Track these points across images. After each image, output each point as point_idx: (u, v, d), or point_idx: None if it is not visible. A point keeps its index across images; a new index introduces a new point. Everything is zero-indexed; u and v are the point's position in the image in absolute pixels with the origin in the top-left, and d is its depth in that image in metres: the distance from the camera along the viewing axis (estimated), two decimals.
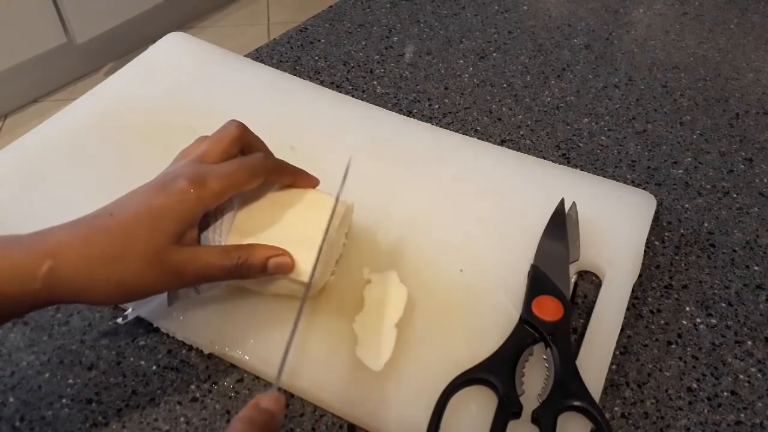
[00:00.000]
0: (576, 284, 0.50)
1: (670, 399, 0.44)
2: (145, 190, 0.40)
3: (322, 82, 0.68)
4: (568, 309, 0.45)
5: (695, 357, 0.47)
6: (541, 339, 0.44)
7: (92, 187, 0.54)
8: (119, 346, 0.46)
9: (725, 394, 0.45)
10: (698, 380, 0.45)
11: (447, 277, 0.49)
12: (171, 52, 0.68)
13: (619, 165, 0.60)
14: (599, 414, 0.40)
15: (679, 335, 0.48)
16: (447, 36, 0.75)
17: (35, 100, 1.95)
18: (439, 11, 0.79)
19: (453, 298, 0.48)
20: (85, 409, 0.43)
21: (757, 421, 0.43)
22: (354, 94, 0.67)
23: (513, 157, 0.59)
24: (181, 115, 0.61)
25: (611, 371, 0.45)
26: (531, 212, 0.52)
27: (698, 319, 0.49)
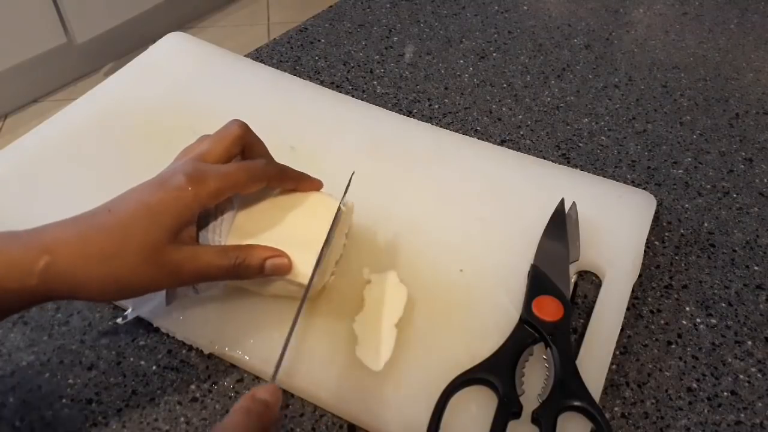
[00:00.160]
0: (576, 284, 0.50)
1: (670, 399, 0.44)
2: (143, 187, 0.40)
3: (322, 82, 0.68)
4: (568, 309, 0.45)
5: (695, 357, 0.47)
6: (541, 339, 0.44)
7: (92, 187, 0.54)
8: (119, 346, 0.46)
9: (725, 394, 0.45)
10: (698, 380, 0.45)
11: (447, 277, 0.49)
12: (171, 52, 0.68)
13: (619, 165, 0.60)
14: (599, 414, 0.40)
15: (679, 335, 0.48)
16: (447, 36, 0.75)
17: (35, 100, 1.96)
18: (439, 11, 0.79)
19: (453, 298, 0.48)
20: (85, 409, 0.43)
21: (757, 421, 0.43)
22: (354, 94, 0.67)
23: (513, 157, 0.59)
24: (181, 115, 0.61)
25: (611, 371, 0.45)
26: (531, 212, 0.52)
27: (698, 319, 0.49)
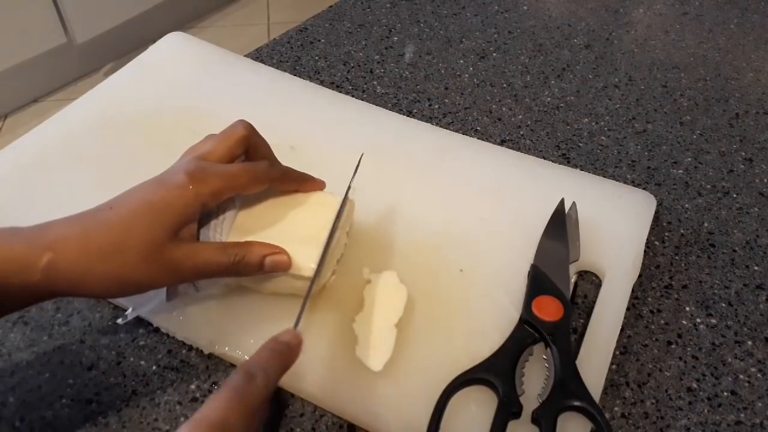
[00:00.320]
0: (576, 284, 0.50)
1: (670, 399, 0.44)
2: (146, 185, 0.40)
3: (322, 82, 0.68)
4: (568, 309, 0.45)
5: (695, 357, 0.47)
6: (541, 339, 0.44)
7: (92, 186, 0.54)
8: (119, 346, 0.46)
9: (725, 394, 0.45)
10: (698, 380, 0.45)
11: (447, 277, 0.49)
12: (171, 52, 0.68)
13: (619, 165, 0.60)
14: (599, 414, 0.40)
15: (679, 335, 0.48)
16: (447, 36, 0.75)
17: (35, 100, 1.96)
18: (439, 11, 0.79)
19: (453, 298, 0.48)
20: (85, 409, 0.43)
21: (757, 421, 0.43)
22: (354, 94, 0.67)
23: (513, 157, 0.59)
24: (181, 115, 0.61)
25: (611, 371, 0.45)
26: (531, 212, 0.52)
27: (698, 319, 0.49)
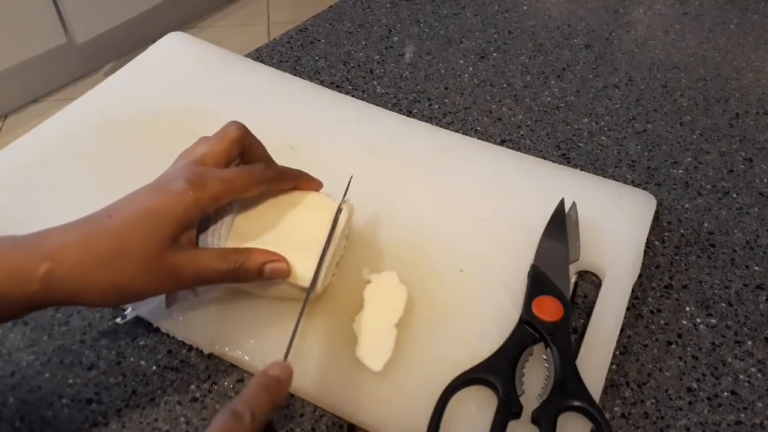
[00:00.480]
0: (576, 284, 0.50)
1: (670, 399, 0.44)
2: (143, 191, 0.40)
3: (322, 82, 0.68)
4: (568, 309, 0.45)
5: (695, 357, 0.47)
6: (541, 339, 0.44)
7: (92, 187, 0.54)
8: (119, 346, 0.46)
9: (725, 394, 0.45)
10: (698, 380, 0.45)
11: (447, 277, 0.49)
12: (171, 52, 0.68)
13: (619, 165, 0.60)
14: (599, 414, 0.40)
15: (679, 335, 0.48)
16: (447, 36, 0.75)
17: (35, 100, 1.96)
18: (439, 11, 0.79)
19: (453, 298, 0.48)
20: (85, 409, 0.43)
21: (757, 421, 0.43)
22: (354, 94, 0.67)
23: (513, 157, 0.59)
24: (181, 115, 0.61)
25: (611, 371, 0.45)
26: (531, 212, 0.52)
27: (698, 319, 0.49)
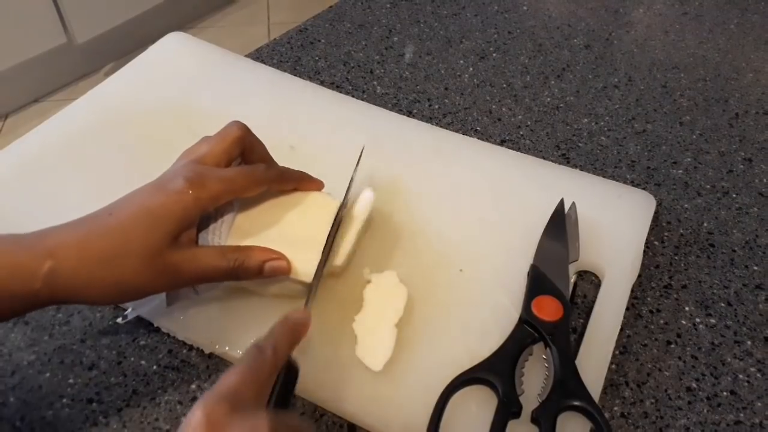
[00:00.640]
0: (575, 284, 0.50)
1: (670, 399, 0.44)
2: (144, 190, 0.40)
3: (322, 82, 0.68)
4: (567, 309, 0.45)
5: (694, 357, 0.47)
6: (540, 339, 0.44)
7: (92, 187, 0.54)
8: (120, 346, 0.46)
9: (724, 393, 0.45)
10: (697, 380, 0.45)
11: (447, 277, 0.49)
12: (171, 52, 0.68)
13: (619, 165, 0.61)
14: (599, 414, 0.40)
15: (679, 335, 0.48)
16: (447, 36, 0.75)
17: (35, 100, 1.96)
18: (439, 11, 0.79)
19: (453, 298, 0.48)
20: (85, 408, 0.43)
21: (757, 420, 0.43)
22: (354, 94, 0.67)
23: (513, 157, 0.59)
24: (181, 115, 0.61)
25: (611, 371, 0.45)
26: (531, 212, 0.53)
27: (697, 319, 0.49)
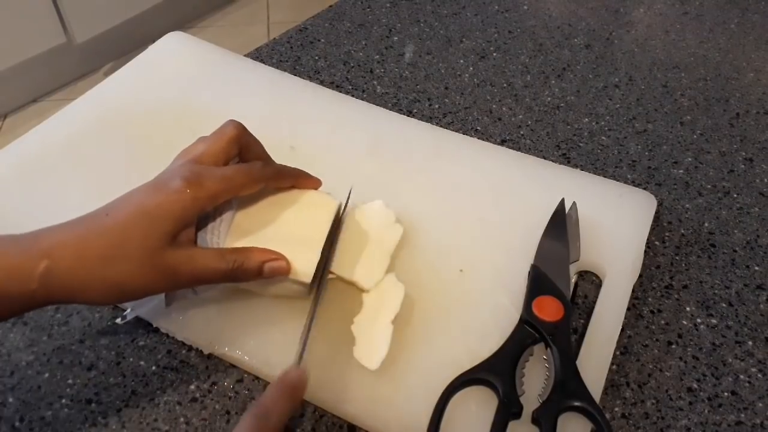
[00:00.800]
0: (576, 284, 0.50)
1: (671, 399, 0.44)
2: (141, 189, 0.40)
3: (322, 82, 0.68)
4: (568, 309, 0.45)
5: (696, 357, 0.47)
6: (541, 339, 0.44)
7: (92, 186, 0.54)
8: (119, 347, 0.46)
9: (726, 394, 0.45)
10: (699, 380, 0.45)
11: (447, 277, 0.49)
12: (170, 52, 0.68)
13: (620, 165, 0.60)
14: (599, 414, 0.40)
15: (680, 335, 0.48)
16: (447, 36, 0.75)
17: (35, 100, 1.95)
18: (439, 11, 0.79)
19: (453, 298, 0.48)
20: (84, 409, 0.43)
21: (758, 421, 0.43)
22: (354, 94, 0.67)
23: (513, 157, 0.59)
24: (181, 114, 0.61)
25: (611, 371, 0.45)
26: (531, 212, 0.52)
27: (699, 319, 0.49)
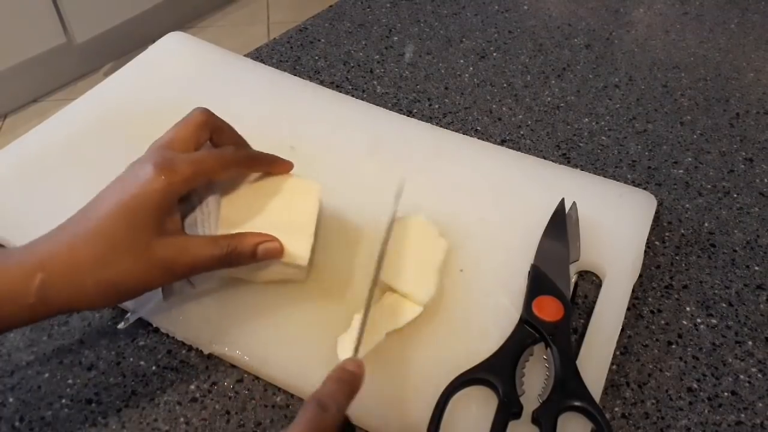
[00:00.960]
0: (576, 284, 0.50)
1: (671, 399, 0.44)
2: (115, 184, 0.40)
3: (322, 82, 0.68)
4: (568, 309, 0.45)
5: (696, 357, 0.47)
6: (541, 339, 0.44)
7: (92, 187, 0.53)
8: (119, 347, 0.46)
9: (726, 394, 0.45)
10: (699, 380, 0.45)
11: (447, 277, 0.49)
12: (170, 52, 0.68)
13: (620, 165, 0.60)
14: (599, 414, 0.40)
15: (680, 335, 0.48)
16: (447, 36, 0.75)
17: (35, 100, 1.95)
18: (439, 11, 0.79)
19: (453, 298, 0.48)
20: (84, 409, 0.43)
21: (758, 421, 0.43)
22: (354, 94, 0.67)
23: (513, 157, 0.59)
24: (181, 114, 0.60)
25: (611, 371, 0.45)
26: (531, 212, 0.52)
27: (699, 319, 0.49)
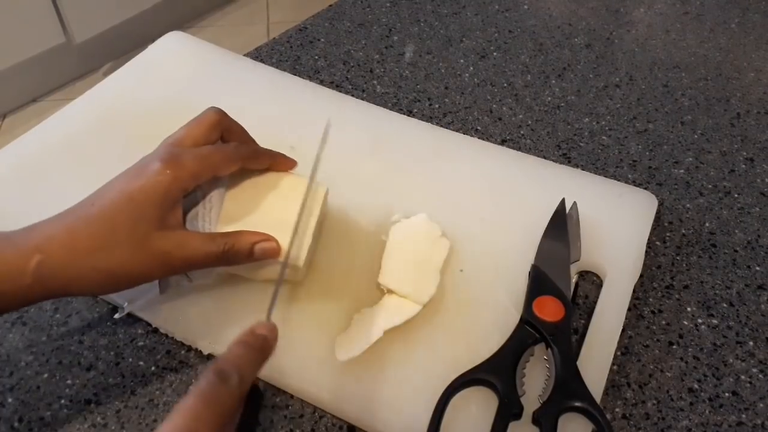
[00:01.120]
0: (577, 284, 0.50)
1: (672, 400, 0.44)
2: (123, 177, 0.40)
3: (321, 82, 0.68)
4: (569, 309, 0.45)
5: (696, 357, 0.47)
6: (541, 339, 0.44)
7: (91, 186, 0.53)
8: (118, 347, 0.46)
9: (726, 394, 0.45)
10: (699, 381, 0.45)
11: (447, 277, 0.49)
12: (170, 52, 0.68)
13: (620, 165, 0.60)
14: (600, 415, 0.40)
15: (681, 336, 0.48)
16: (447, 35, 0.75)
17: (34, 100, 1.95)
18: (439, 10, 0.79)
19: (453, 298, 0.48)
20: (83, 409, 0.43)
21: (759, 421, 0.43)
22: (354, 94, 0.66)
23: (513, 156, 0.58)
24: (180, 114, 0.60)
25: (612, 372, 0.45)
26: (531, 212, 0.52)
27: (699, 320, 0.49)
